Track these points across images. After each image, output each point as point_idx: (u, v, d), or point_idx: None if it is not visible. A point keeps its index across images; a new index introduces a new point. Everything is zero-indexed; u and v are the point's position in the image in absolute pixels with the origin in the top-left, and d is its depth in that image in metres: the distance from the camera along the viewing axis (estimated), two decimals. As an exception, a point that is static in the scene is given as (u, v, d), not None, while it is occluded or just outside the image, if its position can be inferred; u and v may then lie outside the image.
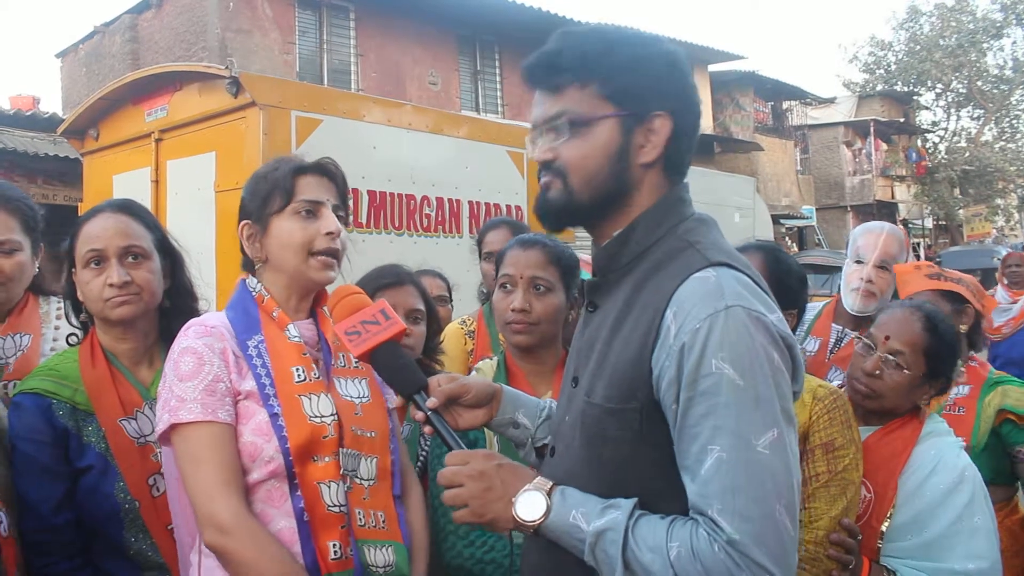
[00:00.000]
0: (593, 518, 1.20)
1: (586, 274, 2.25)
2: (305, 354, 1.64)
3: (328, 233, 1.65)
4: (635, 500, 1.20)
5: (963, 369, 2.13)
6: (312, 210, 1.66)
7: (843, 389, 2.05)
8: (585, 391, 1.30)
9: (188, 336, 1.60)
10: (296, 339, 1.65)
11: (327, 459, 1.58)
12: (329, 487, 1.57)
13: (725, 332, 1.14)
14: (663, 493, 1.21)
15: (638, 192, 1.31)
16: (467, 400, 1.48)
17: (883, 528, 1.88)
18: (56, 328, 2.20)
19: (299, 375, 1.61)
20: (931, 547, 1.82)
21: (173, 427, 1.54)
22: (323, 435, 1.58)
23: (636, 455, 1.23)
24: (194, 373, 1.55)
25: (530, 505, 1.25)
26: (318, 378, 1.64)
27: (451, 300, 3.22)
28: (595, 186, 1.29)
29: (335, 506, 1.57)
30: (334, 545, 1.55)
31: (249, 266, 1.74)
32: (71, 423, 1.75)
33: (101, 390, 1.79)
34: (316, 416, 1.59)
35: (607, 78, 1.28)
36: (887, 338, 2.00)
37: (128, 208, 1.93)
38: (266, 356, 1.62)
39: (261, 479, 1.55)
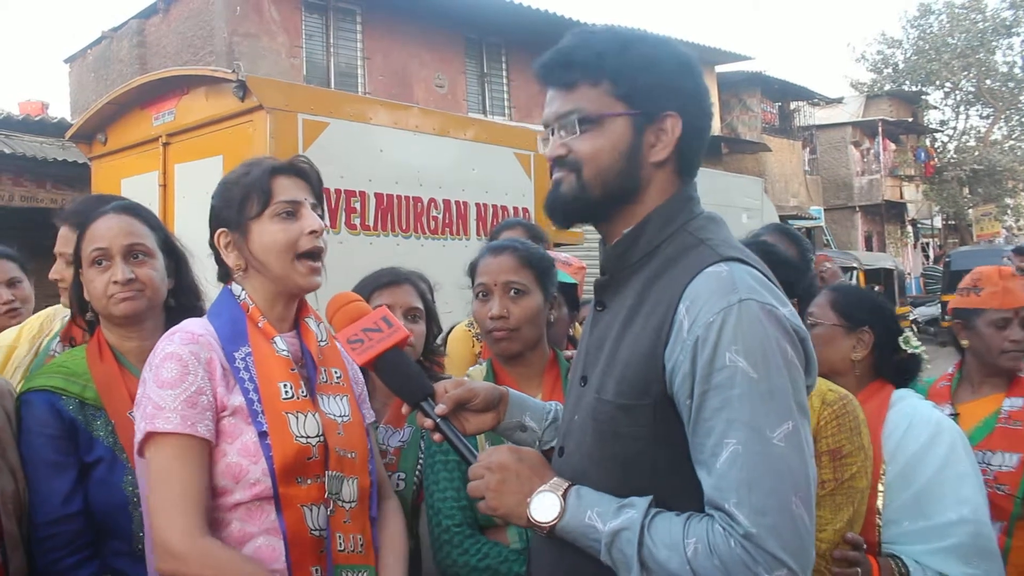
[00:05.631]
0: (608, 518, 1.19)
1: (563, 274, 2.23)
2: (293, 370, 1.60)
3: (312, 232, 1.62)
4: (650, 498, 1.20)
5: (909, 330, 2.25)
6: (292, 210, 1.62)
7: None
8: (596, 389, 1.29)
9: (173, 341, 1.54)
10: (284, 353, 1.60)
11: (310, 481, 1.54)
12: (311, 510, 1.53)
13: (739, 325, 1.14)
14: (676, 490, 1.20)
15: (648, 190, 1.32)
16: (475, 405, 1.47)
17: (880, 487, 1.88)
18: None
19: (286, 392, 1.56)
20: (921, 498, 1.84)
21: (148, 436, 1.47)
22: (308, 456, 1.53)
23: (649, 452, 1.23)
24: (176, 381, 1.48)
25: (544, 507, 1.25)
26: (304, 396, 1.59)
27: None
28: (606, 181, 1.30)
29: (316, 530, 1.53)
30: (316, 570, 1.52)
31: (224, 277, 1.70)
32: (79, 417, 1.77)
33: (110, 384, 1.81)
34: (302, 436, 1.54)
35: (619, 77, 1.29)
36: (810, 314, 2.18)
37: (131, 208, 1.96)
38: (253, 370, 1.56)
39: (243, 500, 1.50)
